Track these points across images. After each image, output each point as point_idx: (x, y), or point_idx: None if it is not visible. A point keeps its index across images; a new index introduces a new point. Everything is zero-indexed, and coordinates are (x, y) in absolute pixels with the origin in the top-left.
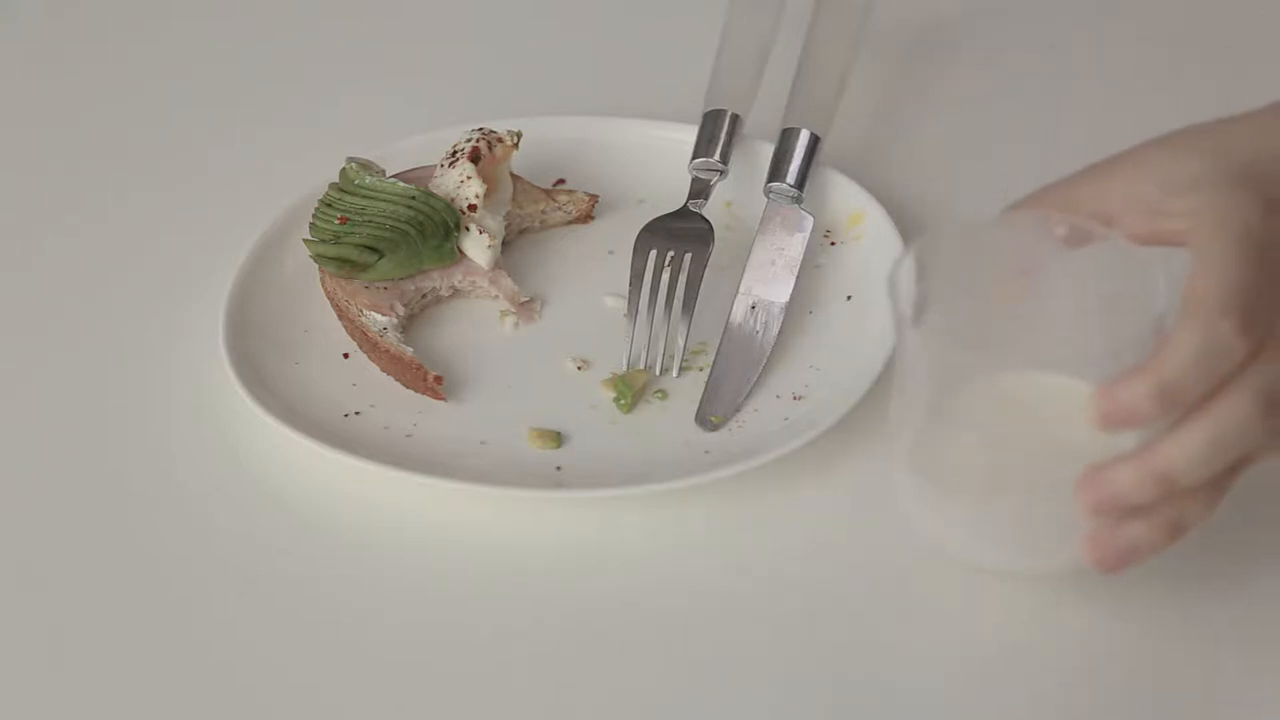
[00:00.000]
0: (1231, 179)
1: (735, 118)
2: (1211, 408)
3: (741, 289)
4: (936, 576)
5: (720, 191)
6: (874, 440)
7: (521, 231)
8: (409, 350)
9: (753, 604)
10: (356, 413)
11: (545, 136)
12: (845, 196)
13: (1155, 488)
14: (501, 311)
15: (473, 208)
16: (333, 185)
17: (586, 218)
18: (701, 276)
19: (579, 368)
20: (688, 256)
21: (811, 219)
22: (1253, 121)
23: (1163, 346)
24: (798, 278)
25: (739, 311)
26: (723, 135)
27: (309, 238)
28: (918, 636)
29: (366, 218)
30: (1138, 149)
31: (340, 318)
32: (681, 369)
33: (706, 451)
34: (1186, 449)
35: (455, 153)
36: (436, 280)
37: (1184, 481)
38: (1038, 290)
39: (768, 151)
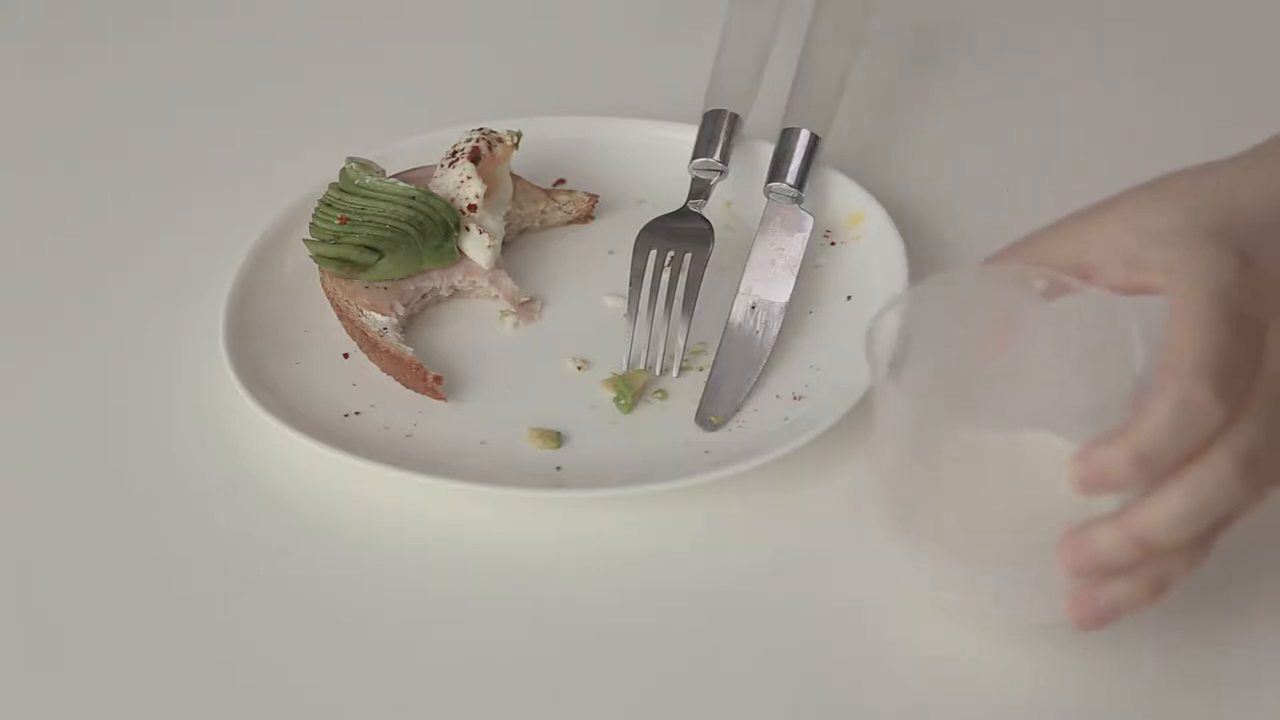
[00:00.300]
0: (1207, 233)
1: (735, 118)
2: (1191, 471)
3: (741, 289)
4: None
5: (720, 191)
6: None
7: (521, 231)
8: (409, 350)
9: (752, 604)
10: (356, 413)
11: (545, 136)
12: (845, 196)
13: (1136, 550)
14: (501, 311)
15: (473, 208)
16: (333, 185)
17: (586, 218)
18: (701, 276)
19: (579, 368)
20: (688, 256)
21: (811, 219)
22: (1231, 171)
23: (1140, 412)
24: (798, 278)
25: (739, 311)
26: (723, 135)
27: (309, 238)
28: (917, 636)
29: (366, 218)
30: (1117, 198)
31: (340, 318)
32: (681, 369)
33: (706, 451)
34: (1167, 512)
35: (455, 153)
36: (436, 280)
37: (1164, 544)
38: (1018, 345)
39: (768, 151)
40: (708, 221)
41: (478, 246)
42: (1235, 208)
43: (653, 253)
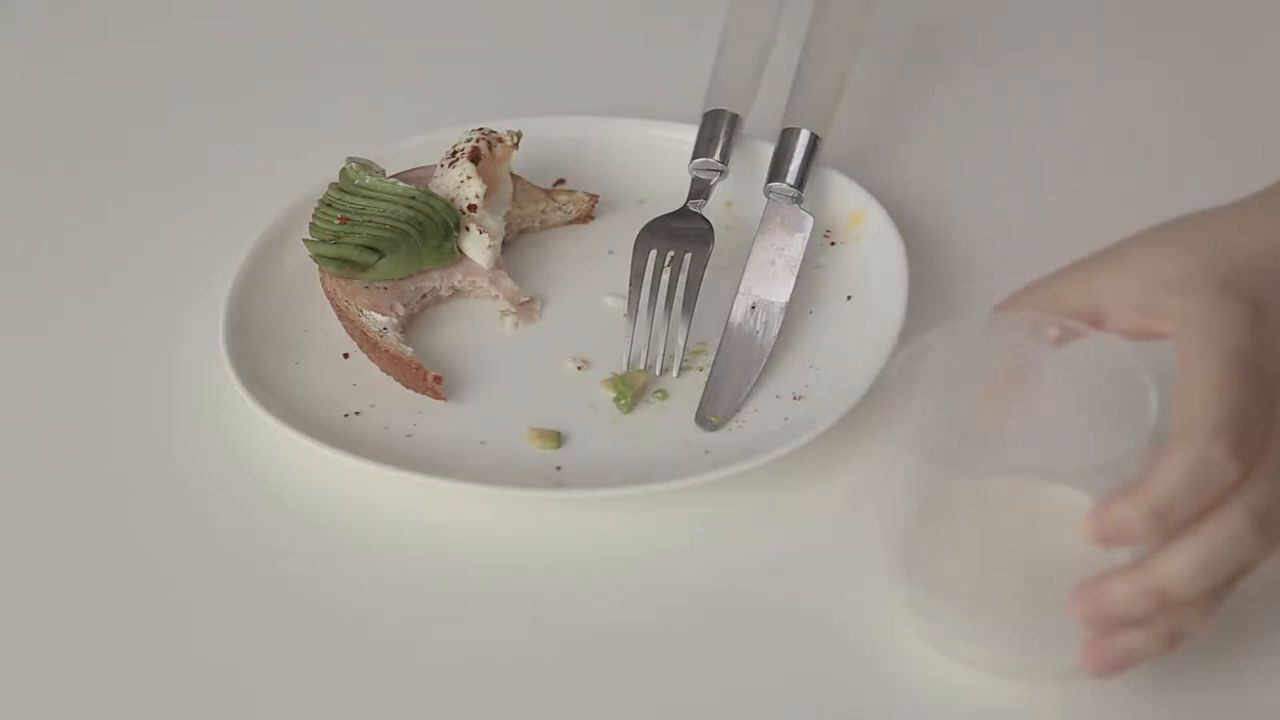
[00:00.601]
0: (1219, 285)
1: (735, 118)
2: (1205, 527)
3: (741, 289)
4: None
5: (720, 191)
6: (874, 440)
7: (521, 231)
8: (409, 350)
9: (752, 604)
10: (356, 413)
11: (545, 136)
12: (845, 196)
13: (1150, 602)
14: (501, 311)
15: (473, 208)
16: (333, 185)
17: (586, 218)
18: (701, 276)
19: (579, 368)
20: (688, 256)
21: (811, 219)
22: (1243, 217)
23: (1155, 468)
24: (798, 278)
25: (739, 311)
26: (723, 135)
27: (309, 238)
28: (917, 637)
29: (366, 218)
30: (1127, 243)
31: (340, 318)
32: (681, 369)
33: (706, 451)
34: (1181, 566)
35: (455, 153)
36: (436, 280)
37: (1179, 596)
38: (1029, 395)
39: (768, 151)
40: (708, 221)
41: (478, 246)
42: (1248, 257)
43: (653, 253)
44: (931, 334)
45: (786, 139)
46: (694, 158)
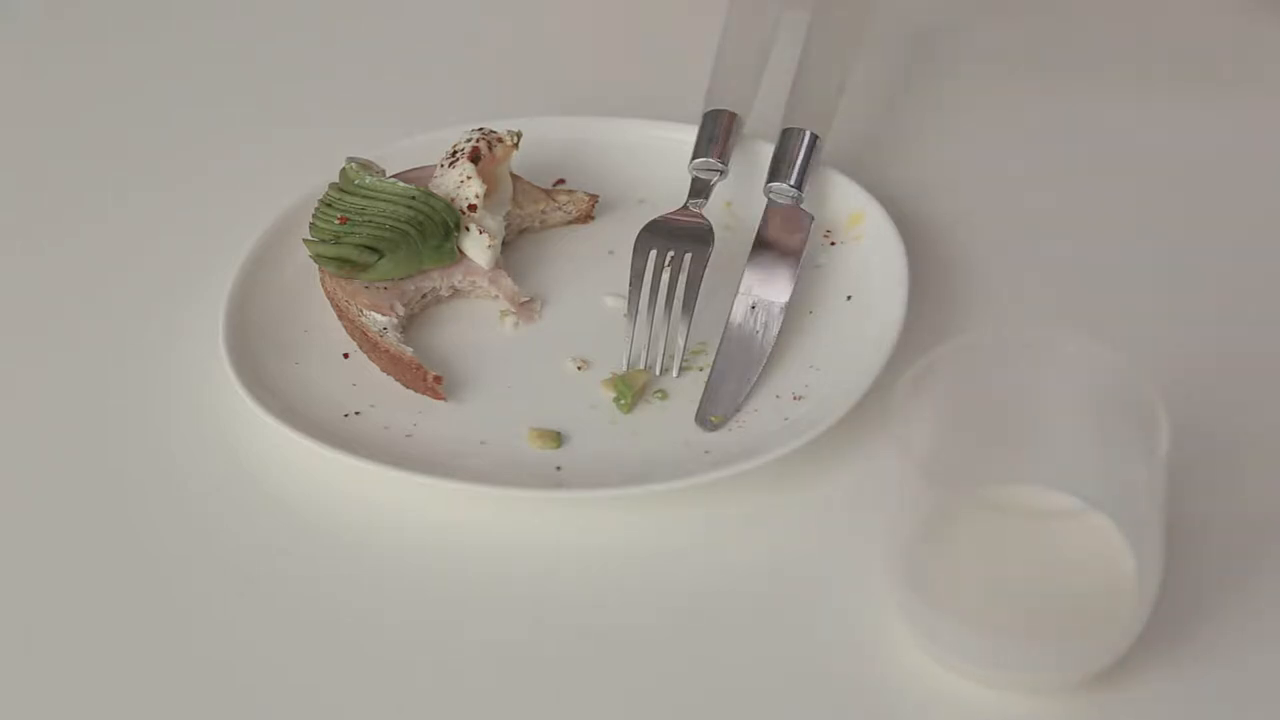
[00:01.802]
0: None
1: (735, 118)
2: None
3: (741, 289)
4: None
5: (720, 191)
6: (874, 441)
7: (521, 231)
8: (409, 350)
9: (752, 604)
10: (356, 413)
11: (545, 136)
12: (845, 196)
13: None
14: (501, 311)
15: (473, 208)
16: (333, 185)
17: (586, 218)
18: (701, 276)
19: (579, 368)
20: (688, 256)
21: (811, 219)
22: None
23: None
24: (798, 278)
25: (739, 311)
26: (723, 135)
27: (309, 238)
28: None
29: (366, 218)
30: None
31: (340, 318)
32: (681, 369)
33: (706, 451)
34: None
35: (455, 153)
36: (436, 280)
37: None
38: (1036, 411)
39: (768, 151)
40: (708, 221)
41: (478, 246)
42: None
43: (653, 253)
44: (938, 350)
45: (786, 139)
46: (694, 158)
